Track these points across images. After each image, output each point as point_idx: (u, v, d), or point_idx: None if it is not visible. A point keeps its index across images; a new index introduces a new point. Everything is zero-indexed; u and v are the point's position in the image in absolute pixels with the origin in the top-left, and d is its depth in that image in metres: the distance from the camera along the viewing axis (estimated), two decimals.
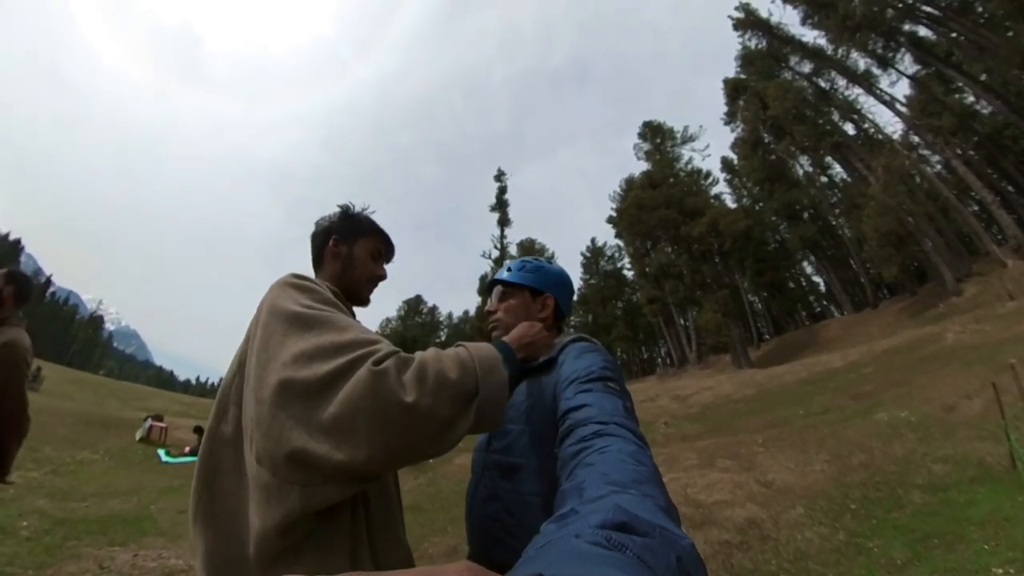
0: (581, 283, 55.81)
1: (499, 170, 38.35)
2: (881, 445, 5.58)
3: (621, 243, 43.01)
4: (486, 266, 36.34)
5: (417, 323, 72.29)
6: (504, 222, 36.80)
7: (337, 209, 1.22)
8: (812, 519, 4.10)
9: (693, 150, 35.69)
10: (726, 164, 40.86)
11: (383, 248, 1.23)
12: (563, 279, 1.31)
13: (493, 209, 37.15)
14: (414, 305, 74.02)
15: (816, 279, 40.11)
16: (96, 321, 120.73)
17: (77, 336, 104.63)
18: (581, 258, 56.98)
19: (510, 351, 0.95)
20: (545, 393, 1.01)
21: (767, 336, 38.64)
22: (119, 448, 10.37)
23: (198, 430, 12.11)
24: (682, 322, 36.01)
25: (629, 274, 48.01)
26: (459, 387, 0.76)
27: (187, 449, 11.49)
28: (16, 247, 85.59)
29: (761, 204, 37.60)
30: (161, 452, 10.77)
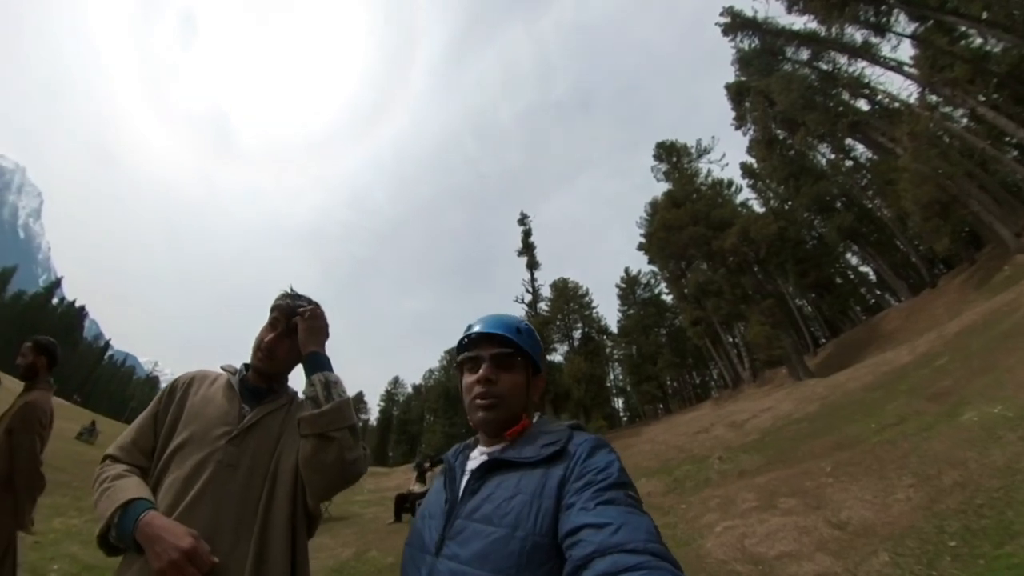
0: (620, 315, 54.37)
1: (522, 213, 38.30)
2: (976, 455, 4.57)
3: (655, 268, 41.99)
4: (520, 310, 35.87)
5: None
6: (533, 265, 36.46)
7: None
8: (901, 568, 3.23)
9: (710, 162, 34.85)
10: (746, 169, 39.69)
11: (275, 315, 1.39)
12: None
13: (520, 253, 36.96)
14: (456, 353, 73.68)
15: (864, 269, 37.21)
16: (152, 381, 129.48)
17: (134, 395, 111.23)
18: (617, 289, 55.48)
19: (126, 534, 1.06)
20: (548, 490, 0.82)
21: (823, 340, 35.86)
22: None
23: None
24: (730, 340, 34.16)
25: (668, 299, 46.43)
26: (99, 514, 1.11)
27: None
28: (81, 313, 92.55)
29: (790, 203, 35.88)
30: None
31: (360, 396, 77.17)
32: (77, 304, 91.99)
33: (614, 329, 54.08)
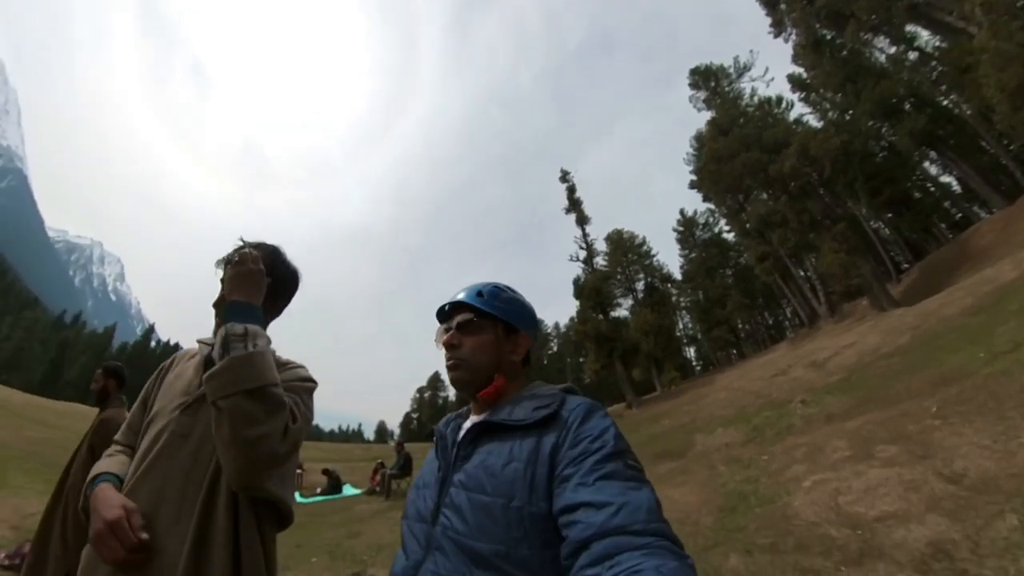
0: (681, 259, 52.54)
1: (562, 171, 37.36)
2: None
3: (711, 205, 39.81)
4: (576, 269, 35.51)
5: None
6: (582, 220, 35.67)
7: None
8: None
9: (753, 80, 31.97)
10: (794, 81, 35.69)
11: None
12: (535, 318, 1.13)
13: (568, 211, 36.21)
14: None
15: (946, 179, 32.78)
16: None
17: None
18: (674, 234, 53.36)
19: None
20: (542, 457, 0.80)
21: (906, 265, 32.61)
22: None
23: (326, 472, 13.57)
24: (802, 273, 31.91)
25: (730, 236, 44.02)
26: None
27: (318, 490, 13.04)
28: (176, 350, 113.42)
29: (850, 112, 31.79)
30: (296, 494, 11.79)
31: (437, 376, 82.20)
32: (172, 343, 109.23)
33: (678, 276, 52.47)
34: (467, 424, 1.02)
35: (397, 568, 0.89)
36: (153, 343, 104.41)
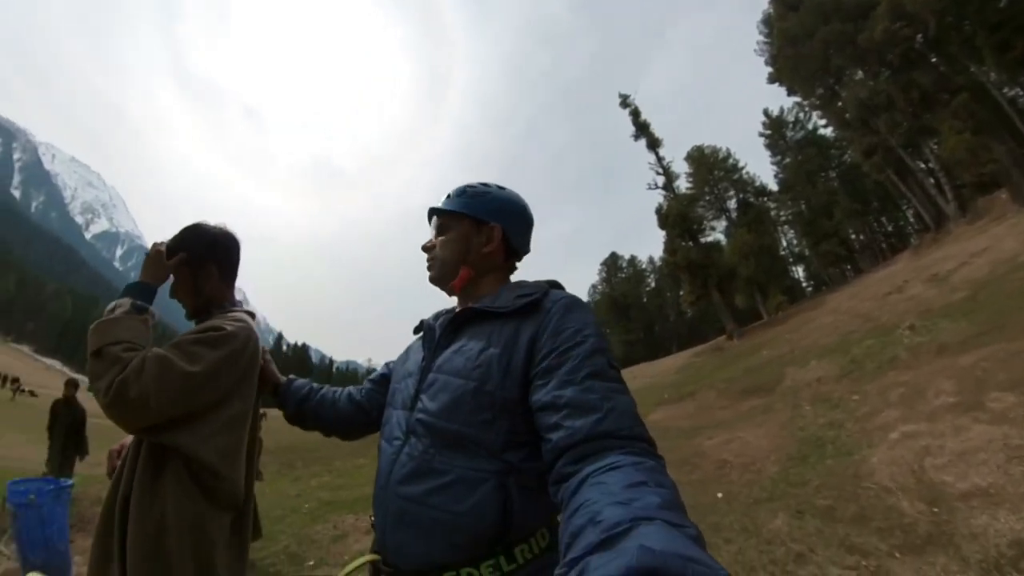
0: (774, 168, 46.51)
1: (621, 95, 34.10)
2: None
3: (798, 98, 34.76)
4: (658, 197, 33.35)
5: (622, 279, 71.95)
6: (654, 144, 33.02)
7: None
8: None
9: None
10: None
11: None
12: (513, 206, 1.08)
13: (636, 137, 33.51)
14: (612, 263, 74.66)
15: None
16: (370, 373, 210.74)
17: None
18: (763, 139, 46.94)
19: None
20: (520, 345, 0.81)
21: None
22: None
23: None
24: (921, 165, 27.08)
25: (827, 132, 38.10)
26: None
27: None
28: (305, 348, 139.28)
29: None
30: None
31: None
32: (300, 344, 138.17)
33: (774, 187, 47.02)
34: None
35: (382, 460, 0.90)
36: (284, 347, 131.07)
